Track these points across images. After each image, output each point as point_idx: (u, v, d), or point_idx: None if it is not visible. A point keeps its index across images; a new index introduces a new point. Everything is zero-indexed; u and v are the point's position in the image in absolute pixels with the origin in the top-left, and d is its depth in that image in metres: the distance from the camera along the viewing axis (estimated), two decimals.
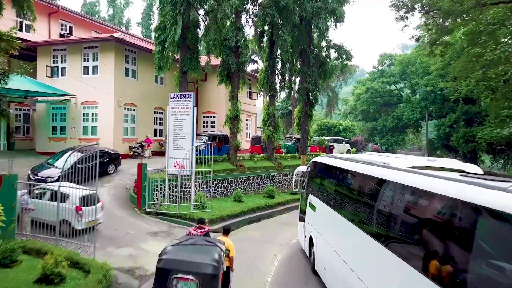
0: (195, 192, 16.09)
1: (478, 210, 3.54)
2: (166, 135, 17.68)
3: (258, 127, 37.53)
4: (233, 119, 20.66)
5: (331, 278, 8.29)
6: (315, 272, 9.95)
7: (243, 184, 20.04)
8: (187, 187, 16.58)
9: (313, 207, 10.75)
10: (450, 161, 6.57)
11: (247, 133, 31.44)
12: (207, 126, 28.21)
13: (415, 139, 58.44)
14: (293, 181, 11.22)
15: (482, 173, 5.87)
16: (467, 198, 3.72)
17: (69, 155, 15.62)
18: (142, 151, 21.93)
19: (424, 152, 47.29)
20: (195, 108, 15.64)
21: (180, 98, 15.88)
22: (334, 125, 41.91)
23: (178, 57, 18.96)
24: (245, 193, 19.90)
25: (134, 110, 22.41)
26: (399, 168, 5.78)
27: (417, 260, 4.43)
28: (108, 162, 17.55)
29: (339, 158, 9.47)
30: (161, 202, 15.31)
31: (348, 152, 32.73)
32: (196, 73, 19.00)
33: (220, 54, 20.33)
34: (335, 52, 25.68)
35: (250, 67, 42.37)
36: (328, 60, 25.75)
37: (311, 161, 12.11)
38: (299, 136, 27.41)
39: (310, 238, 10.58)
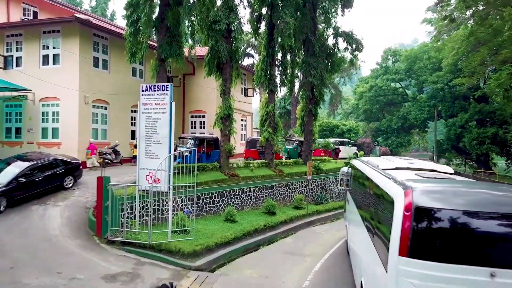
0: (174, 213, 12.44)
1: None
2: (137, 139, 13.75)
3: (254, 128, 33.91)
4: (225, 119, 17.03)
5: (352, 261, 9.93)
6: None
7: (237, 198, 16.40)
8: (164, 207, 12.92)
9: (347, 201, 12.76)
10: (426, 163, 8.18)
11: (242, 135, 27.80)
12: (195, 128, 24.51)
13: (420, 141, 55.22)
14: (339, 180, 12.73)
15: (453, 172, 7.08)
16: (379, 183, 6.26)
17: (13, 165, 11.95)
18: (116, 158, 18.20)
19: (433, 154, 44.05)
20: (173, 104, 11.98)
21: (154, 90, 12.21)
22: (337, 126, 38.47)
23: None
24: (239, 209, 16.27)
25: (105, 108, 18.67)
26: (384, 168, 7.23)
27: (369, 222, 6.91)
28: (64, 173, 13.81)
29: (360, 161, 10.73)
30: (129, 227, 11.63)
31: (356, 155, 29.19)
32: (178, 62, 15.35)
33: (208, 39, 16.70)
34: (343, 41, 22.14)
35: (245, 62, 38.77)
36: (335, 50, 22.20)
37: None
38: (301, 139, 23.85)
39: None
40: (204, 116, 24.01)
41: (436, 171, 6.97)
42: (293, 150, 24.19)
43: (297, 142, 24.29)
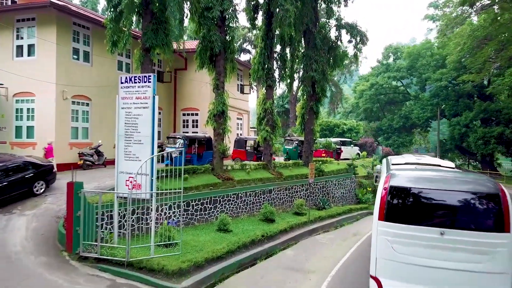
0: (157, 224, 10.84)
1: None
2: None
3: (251, 128, 32.31)
4: (218, 116, 15.43)
5: None
6: None
7: (231, 203, 14.80)
8: (149, 215, 11.30)
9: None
10: (433, 159, 10.26)
11: (238, 134, 26.18)
12: (187, 126, 22.87)
13: (421, 140, 53.81)
14: (375, 177, 12.20)
15: (453, 166, 9.07)
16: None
17: None
18: (98, 159, 16.54)
19: (436, 155, 42.62)
20: (157, 97, 10.35)
21: (135, 82, 10.57)
22: (337, 125, 36.93)
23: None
24: (234, 217, 14.67)
25: (87, 105, 17.00)
26: (394, 163, 9.08)
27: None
28: (34, 177, 12.13)
29: (386, 159, 10.63)
30: (105, 240, 10.00)
31: (358, 156, 27.66)
32: (166, 52, 13.73)
33: (199, 28, 15.10)
34: (347, 33, 20.58)
35: (241, 58, 37.14)
36: (338, 43, 20.63)
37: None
38: (302, 138, 22.27)
39: None
40: (197, 114, 22.38)
41: (439, 165, 8.79)
42: (292, 151, 22.62)
43: (297, 142, 22.72)
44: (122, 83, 10.75)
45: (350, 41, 20.63)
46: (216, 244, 11.30)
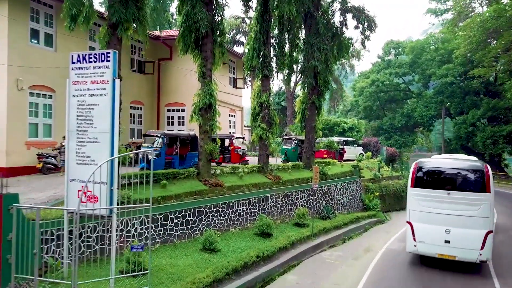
0: (127, 243, 8.34)
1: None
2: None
3: (245, 126, 29.81)
4: (205, 110, 12.96)
5: None
6: None
7: (220, 215, 12.30)
8: (107, 237, 8.78)
9: None
10: (462, 156, 14.28)
11: (230, 133, 23.65)
12: (172, 124, 20.29)
13: (423, 140, 51.67)
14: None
15: (476, 159, 12.05)
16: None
17: None
18: (62, 162, 13.89)
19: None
20: (118, 81, 7.85)
21: (90, 61, 8.05)
22: (338, 124, 34.54)
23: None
24: (223, 230, 12.21)
25: (50, 97, 14.38)
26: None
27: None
28: None
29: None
30: (48, 271, 7.47)
31: (362, 157, 25.30)
32: (139, 31, 11.18)
33: (182, 5, 12.62)
34: (353, 18, 18.21)
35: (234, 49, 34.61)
36: (343, 29, 18.23)
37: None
38: (302, 137, 19.84)
39: None
40: (183, 110, 19.81)
41: (462, 159, 12.16)
42: (291, 151, 20.15)
43: (296, 142, 20.26)
44: (73, 62, 8.24)
45: (356, 27, 18.32)
46: (199, 271, 8.84)
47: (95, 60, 7.99)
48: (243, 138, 19.58)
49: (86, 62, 8.08)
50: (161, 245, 10.50)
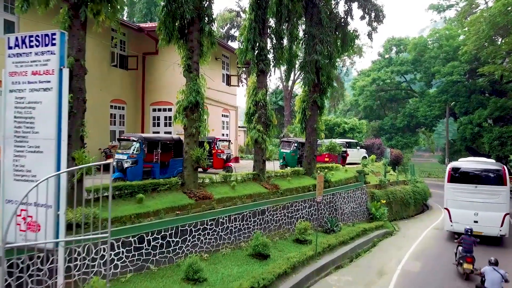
0: (91, 275, 6.43)
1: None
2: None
3: (240, 127, 27.89)
4: (191, 110, 11.10)
5: None
6: None
7: (208, 234, 10.42)
8: (74, 264, 6.84)
9: None
10: (486, 159, 17.57)
11: (224, 135, 21.80)
12: (158, 125, 18.33)
13: (425, 141, 50.01)
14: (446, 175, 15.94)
15: (493, 161, 17.56)
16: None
17: None
18: None
19: (444, 157, 38.85)
20: (66, 71, 5.97)
21: (31, 46, 6.15)
22: (338, 124, 32.76)
23: None
24: (212, 252, 10.34)
25: None
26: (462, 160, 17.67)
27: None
28: None
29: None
30: None
31: (364, 159, 23.52)
32: (108, 14, 9.25)
33: None
34: (358, 7, 16.39)
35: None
36: (348, 19, 16.40)
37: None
38: (301, 140, 18.00)
39: None
40: (170, 110, 17.86)
41: (485, 162, 16.16)
42: (290, 155, 18.28)
43: (295, 145, 18.39)
44: (10, 47, 6.31)
45: (363, 18, 16.48)
46: None
47: (38, 44, 6.09)
48: (229, 141, 17.60)
49: (26, 47, 6.17)
50: (134, 274, 8.60)
